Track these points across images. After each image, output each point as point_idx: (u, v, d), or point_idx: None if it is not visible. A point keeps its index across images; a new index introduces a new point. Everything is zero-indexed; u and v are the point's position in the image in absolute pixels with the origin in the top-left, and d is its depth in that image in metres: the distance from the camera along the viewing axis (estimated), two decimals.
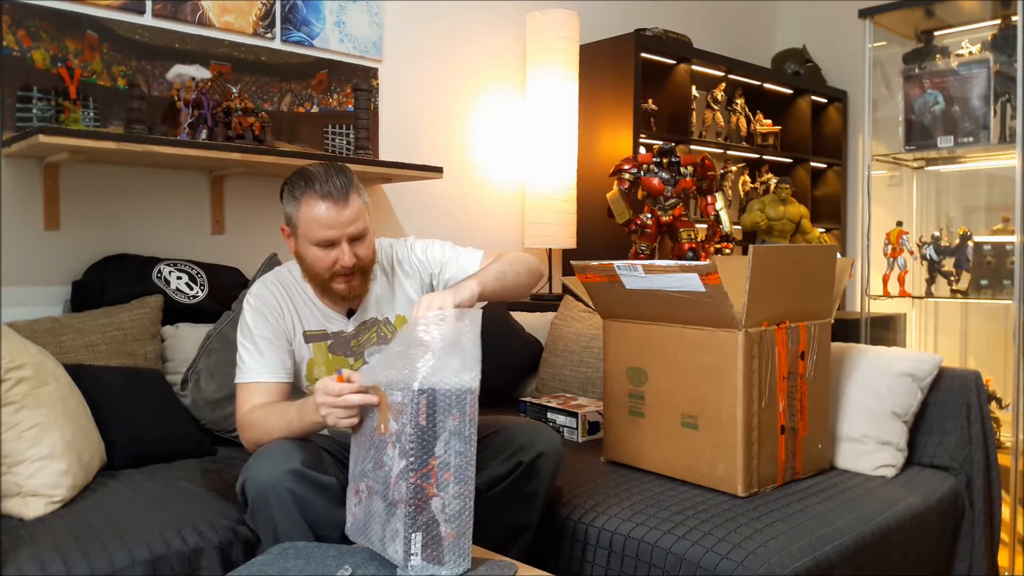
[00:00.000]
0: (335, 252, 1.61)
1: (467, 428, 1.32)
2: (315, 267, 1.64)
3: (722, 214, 2.80)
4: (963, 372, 2.11)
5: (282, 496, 1.43)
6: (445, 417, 1.30)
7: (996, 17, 2.91)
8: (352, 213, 1.60)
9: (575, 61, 3.20)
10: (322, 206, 1.58)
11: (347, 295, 1.68)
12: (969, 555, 2.00)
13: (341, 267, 1.62)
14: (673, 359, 1.87)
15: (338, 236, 1.60)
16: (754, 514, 1.64)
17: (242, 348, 1.67)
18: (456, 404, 1.31)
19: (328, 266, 1.62)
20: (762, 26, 4.56)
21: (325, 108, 2.73)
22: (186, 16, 2.41)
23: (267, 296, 1.70)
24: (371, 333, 1.77)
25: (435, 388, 1.30)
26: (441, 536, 1.29)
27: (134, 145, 2.02)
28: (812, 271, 1.88)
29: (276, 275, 1.75)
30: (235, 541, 1.54)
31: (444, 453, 1.30)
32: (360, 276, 1.67)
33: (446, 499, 1.30)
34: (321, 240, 1.60)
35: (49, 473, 1.60)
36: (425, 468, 1.29)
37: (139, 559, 1.42)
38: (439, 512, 1.29)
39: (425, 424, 1.29)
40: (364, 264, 1.66)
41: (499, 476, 1.62)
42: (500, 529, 1.65)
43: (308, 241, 1.62)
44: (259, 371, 1.65)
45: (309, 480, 1.45)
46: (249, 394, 1.64)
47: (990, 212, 3.53)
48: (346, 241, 1.61)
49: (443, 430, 1.30)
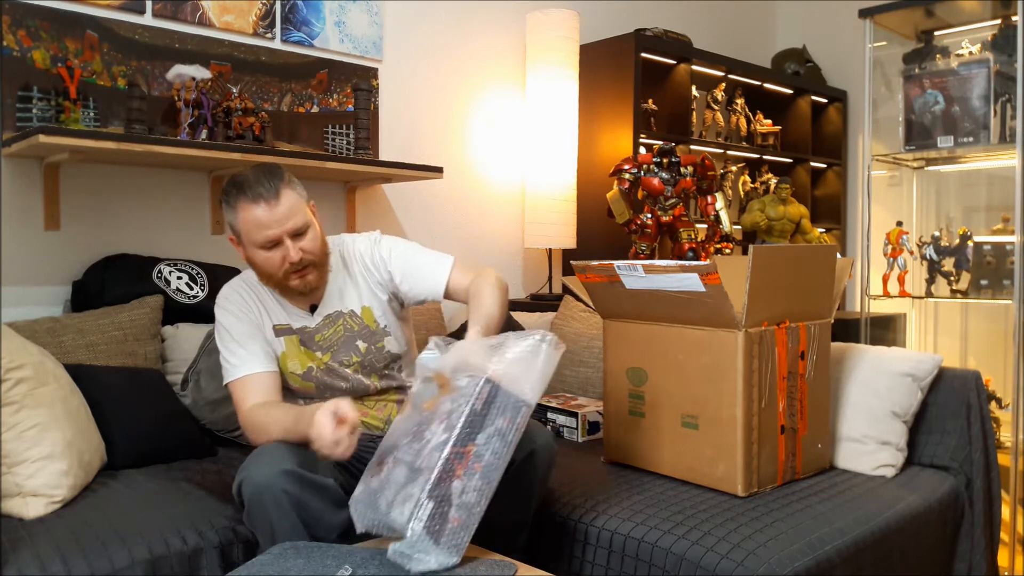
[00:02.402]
0: (280, 250, 1.63)
1: (511, 434, 1.37)
2: (266, 269, 1.66)
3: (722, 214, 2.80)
4: (963, 372, 2.11)
5: (278, 497, 1.43)
6: (497, 415, 1.36)
7: (996, 17, 2.91)
8: (286, 209, 1.61)
9: (575, 61, 3.20)
10: (255, 209, 1.60)
11: (304, 290, 1.70)
12: (969, 555, 2.00)
13: (289, 264, 1.63)
14: (673, 359, 1.87)
15: (278, 235, 1.62)
16: (754, 514, 1.64)
17: (224, 350, 1.70)
18: (511, 409, 1.37)
19: (278, 265, 1.64)
20: (762, 26, 4.56)
21: (325, 108, 2.73)
22: (186, 16, 2.41)
23: (234, 296, 1.74)
24: (337, 326, 1.78)
25: (500, 385, 1.36)
26: (448, 517, 1.31)
27: (134, 145, 2.02)
28: (812, 271, 1.88)
29: (241, 277, 1.79)
30: (235, 541, 1.54)
31: (483, 445, 1.34)
32: (314, 270, 1.69)
33: (467, 486, 1.32)
34: (263, 242, 1.62)
35: (49, 473, 1.60)
36: (463, 449, 1.33)
37: (139, 559, 1.42)
38: (456, 494, 1.32)
39: (479, 410, 1.34)
40: (313, 258, 1.67)
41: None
42: (495, 528, 1.65)
43: (253, 245, 1.64)
44: (246, 365, 1.67)
45: (305, 481, 1.45)
46: (243, 390, 1.66)
47: (990, 212, 3.53)
48: (288, 237, 1.63)
49: (491, 424, 1.35)
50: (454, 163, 3.13)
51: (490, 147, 3.26)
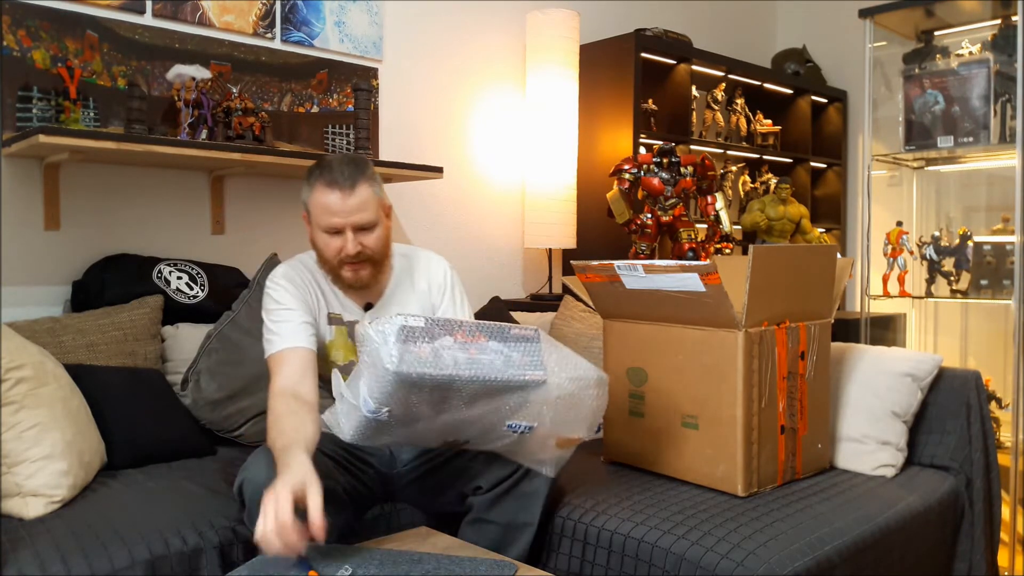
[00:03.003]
0: (340, 239, 1.65)
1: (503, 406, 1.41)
2: (324, 253, 1.69)
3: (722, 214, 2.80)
4: (963, 372, 2.11)
5: None
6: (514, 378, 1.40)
7: (996, 17, 2.91)
8: (357, 203, 1.63)
9: (575, 61, 3.20)
10: (329, 193, 1.63)
11: (354, 283, 1.71)
12: (969, 555, 2.00)
13: (346, 255, 1.65)
14: (673, 359, 1.87)
15: (342, 224, 1.64)
16: (754, 514, 1.64)
17: (268, 322, 1.68)
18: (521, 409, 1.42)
19: (335, 252, 1.67)
20: (762, 26, 4.56)
21: (325, 108, 2.73)
22: (186, 16, 2.41)
23: (292, 275, 1.74)
24: None
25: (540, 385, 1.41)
26: (419, 342, 1.32)
27: (134, 145, 2.02)
28: (812, 271, 1.88)
29: (300, 259, 1.79)
30: (235, 541, 1.54)
31: (493, 352, 1.38)
32: (370, 267, 1.70)
33: (452, 348, 1.34)
34: (327, 227, 1.65)
35: (49, 473, 1.60)
36: (476, 334, 1.37)
37: (139, 559, 1.42)
38: (441, 343, 1.34)
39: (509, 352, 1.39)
40: (372, 255, 1.69)
41: (501, 476, 1.63)
42: (502, 529, 1.65)
43: (318, 227, 1.67)
44: (285, 340, 1.65)
45: None
46: (278, 364, 1.64)
47: (990, 212, 3.53)
48: (351, 230, 1.64)
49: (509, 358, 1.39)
50: (454, 163, 3.13)
51: (490, 147, 3.26)
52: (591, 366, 1.51)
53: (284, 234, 2.64)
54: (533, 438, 1.51)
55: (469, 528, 1.67)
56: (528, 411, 1.45)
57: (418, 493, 1.77)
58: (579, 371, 1.47)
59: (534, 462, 1.59)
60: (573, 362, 1.48)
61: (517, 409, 1.44)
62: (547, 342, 1.47)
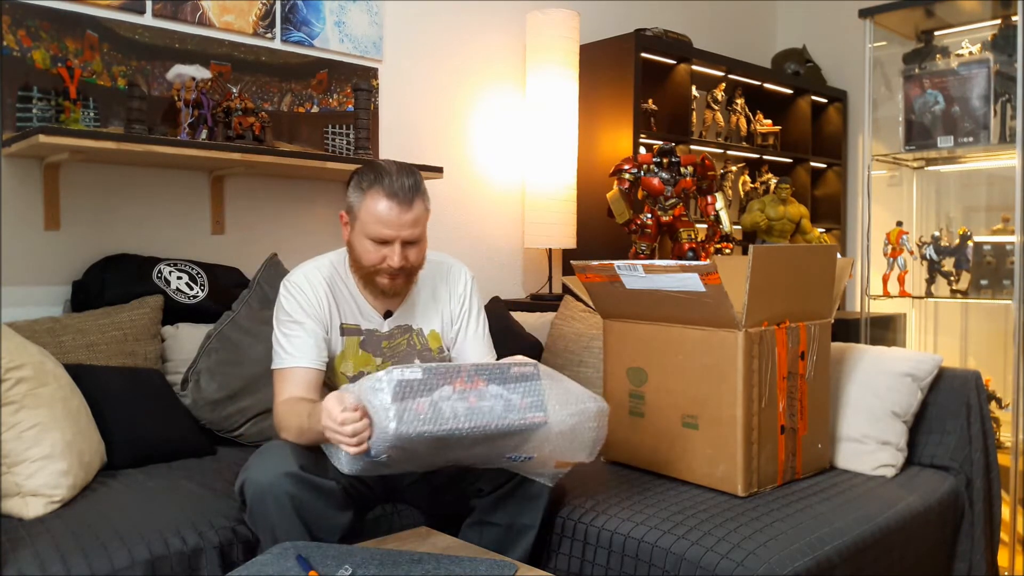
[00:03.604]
0: (386, 250, 1.63)
1: (506, 444, 1.43)
2: (363, 259, 1.66)
3: (722, 214, 2.80)
4: (963, 372, 2.11)
5: (280, 499, 1.43)
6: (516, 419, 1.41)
7: (996, 17, 2.91)
8: (413, 217, 1.62)
9: (575, 61, 3.20)
10: (385, 204, 1.60)
11: (388, 291, 1.70)
12: (969, 555, 2.00)
13: (388, 266, 1.64)
14: (673, 359, 1.87)
15: (394, 236, 1.62)
16: (754, 514, 1.64)
17: (279, 334, 1.67)
18: (520, 440, 1.43)
19: (376, 262, 1.64)
20: (762, 26, 4.56)
21: (325, 108, 2.73)
22: (186, 16, 2.41)
23: (305, 284, 1.70)
24: (403, 339, 1.78)
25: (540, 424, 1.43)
26: (417, 397, 1.33)
27: (134, 145, 2.02)
28: (812, 271, 1.88)
29: (317, 265, 1.75)
30: (235, 541, 1.54)
31: (491, 397, 1.38)
32: (405, 277, 1.69)
33: (451, 399, 1.35)
34: (376, 236, 1.62)
35: (49, 473, 1.60)
36: (475, 379, 1.37)
37: (139, 559, 1.42)
38: (440, 394, 1.34)
39: (508, 394, 1.40)
40: (412, 268, 1.68)
41: (503, 479, 1.63)
42: (504, 531, 1.65)
43: (363, 234, 1.64)
44: (294, 357, 1.64)
45: (308, 483, 1.45)
46: (284, 381, 1.64)
47: (990, 212, 3.53)
48: (400, 243, 1.62)
49: (510, 402, 1.40)
50: (454, 163, 3.13)
51: (490, 147, 3.26)
52: (591, 396, 1.51)
53: (284, 234, 2.64)
54: (532, 464, 1.54)
55: (471, 530, 1.67)
56: (528, 446, 1.47)
57: (419, 494, 1.78)
58: (580, 405, 1.48)
59: (532, 475, 1.60)
60: (574, 396, 1.48)
61: (518, 446, 1.46)
62: (547, 377, 1.46)
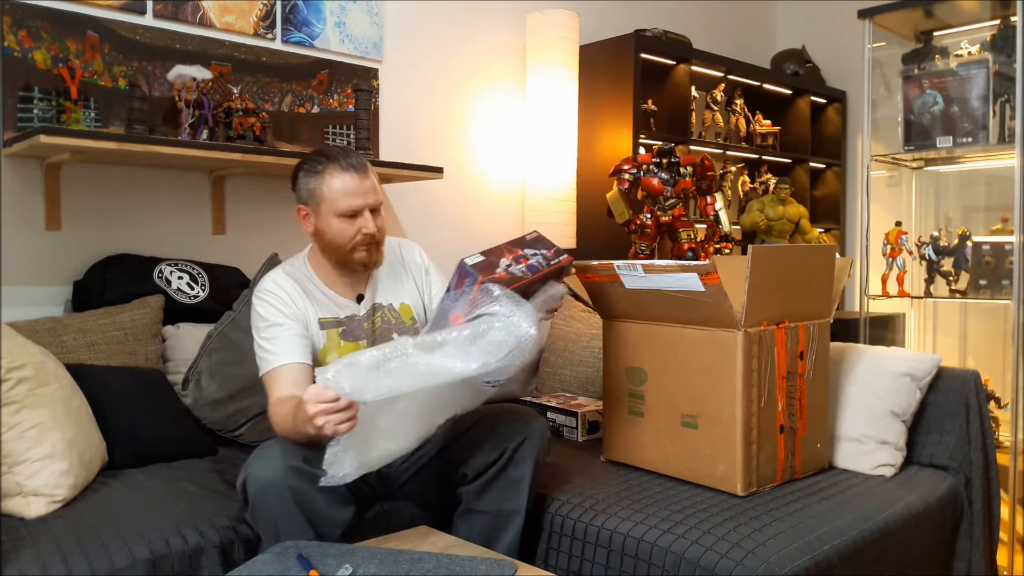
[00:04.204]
0: (359, 221, 1.70)
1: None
2: (338, 239, 1.71)
3: (721, 214, 2.80)
4: (962, 372, 2.12)
5: (282, 494, 1.43)
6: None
7: (995, 17, 2.92)
8: (371, 184, 1.72)
9: (575, 61, 3.20)
10: (347, 176, 1.68)
11: (369, 264, 1.76)
12: (968, 554, 2.00)
13: (364, 235, 1.70)
14: (673, 359, 1.87)
15: (362, 205, 1.70)
16: (753, 513, 1.64)
17: (260, 339, 1.69)
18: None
19: (351, 236, 1.70)
20: (762, 26, 4.57)
21: (325, 108, 2.73)
22: (187, 17, 2.41)
23: (276, 288, 1.74)
24: (377, 317, 1.83)
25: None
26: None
27: (135, 145, 2.02)
28: (811, 271, 1.89)
29: (282, 269, 1.79)
30: (236, 540, 1.55)
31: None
32: (376, 248, 1.75)
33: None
34: (347, 210, 1.68)
35: (50, 473, 1.60)
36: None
37: (140, 559, 1.42)
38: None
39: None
40: (381, 236, 1.75)
41: (485, 464, 1.65)
42: (492, 517, 1.66)
43: (332, 213, 1.69)
44: (278, 357, 1.66)
45: (310, 477, 1.46)
46: (273, 382, 1.65)
47: (989, 212, 3.53)
48: (368, 210, 1.70)
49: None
50: (454, 163, 3.13)
51: (490, 147, 3.27)
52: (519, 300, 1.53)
53: (285, 234, 2.64)
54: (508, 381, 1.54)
55: (460, 521, 1.70)
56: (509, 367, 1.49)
57: (414, 489, 1.80)
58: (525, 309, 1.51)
59: (508, 394, 1.63)
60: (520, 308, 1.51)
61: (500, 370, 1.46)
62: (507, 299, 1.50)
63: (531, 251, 1.67)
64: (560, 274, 1.70)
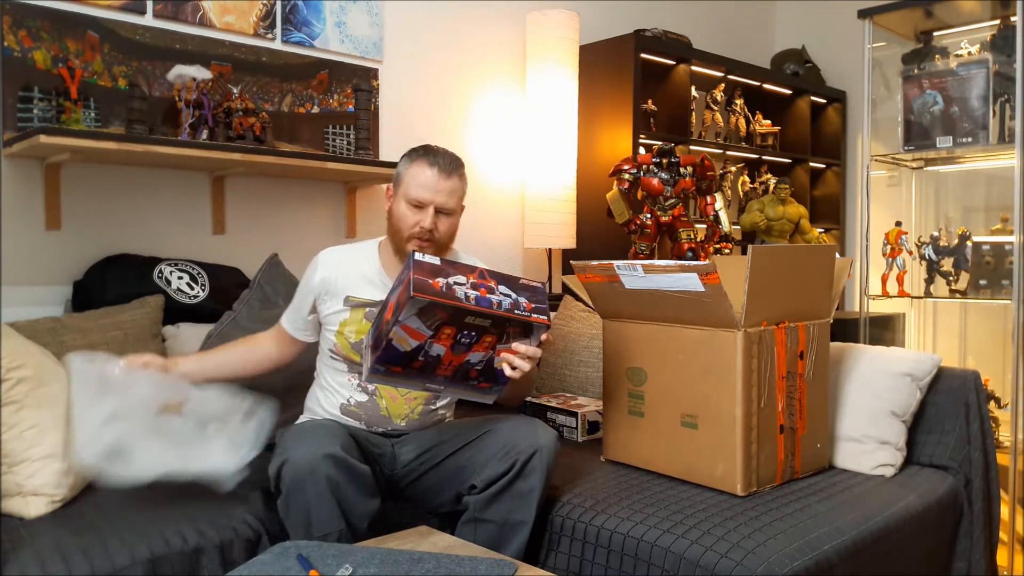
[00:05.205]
0: (422, 214, 1.74)
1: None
2: (399, 224, 1.77)
3: (721, 214, 2.80)
4: (962, 372, 2.12)
5: (319, 481, 1.46)
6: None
7: (995, 17, 2.92)
8: (450, 187, 1.76)
9: (575, 61, 3.20)
10: (428, 170, 1.75)
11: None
12: (968, 554, 2.00)
13: (420, 228, 1.74)
14: (673, 359, 1.87)
15: (429, 200, 1.74)
16: (753, 513, 1.64)
17: (297, 292, 1.89)
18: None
19: (410, 225, 1.75)
20: (762, 26, 4.57)
21: (326, 108, 2.73)
22: (187, 17, 2.41)
23: (328, 258, 1.84)
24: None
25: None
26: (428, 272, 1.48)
27: (135, 145, 2.02)
28: (811, 271, 1.89)
29: (351, 244, 1.92)
30: (235, 540, 1.55)
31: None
32: (434, 249, 1.77)
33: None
34: (415, 199, 1.74)
35: (50, 473, 1.60)
36: (483, 280, 1.52)
37: (140, 558, 1.42)
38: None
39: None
40: (440, 238, 1.79)
41: (495, 475, 1.64)
42: (498, 527, 1.65)
43: (403, 198, 1.76)
44: (287, 318, 1.90)
45: (346, 467, 1.49)
46: (273, 330, 1.93)
47: (989, 212, 3.53)
48: (433, 209, 1.74)
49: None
50: None
51: (490, 147, 3.27)
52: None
53: (285, 234, 2.65)
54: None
55: (465, 527, 1.68)
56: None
57: (418, 493, 1.79)
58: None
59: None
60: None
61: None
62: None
63: (507, 290, 1.53)
64: (527, 331, 1.52)
